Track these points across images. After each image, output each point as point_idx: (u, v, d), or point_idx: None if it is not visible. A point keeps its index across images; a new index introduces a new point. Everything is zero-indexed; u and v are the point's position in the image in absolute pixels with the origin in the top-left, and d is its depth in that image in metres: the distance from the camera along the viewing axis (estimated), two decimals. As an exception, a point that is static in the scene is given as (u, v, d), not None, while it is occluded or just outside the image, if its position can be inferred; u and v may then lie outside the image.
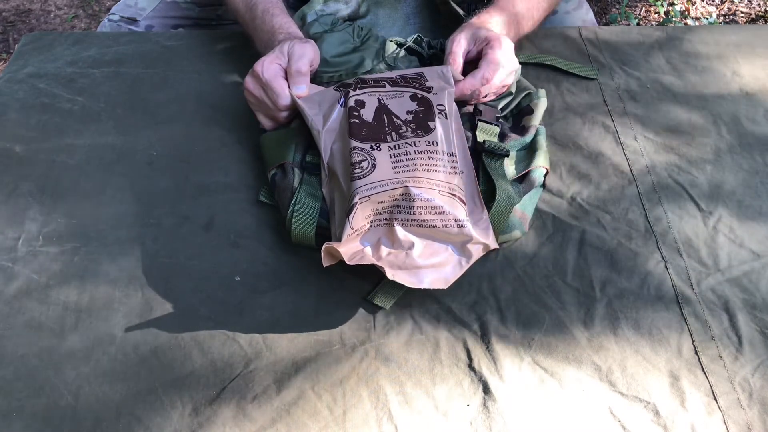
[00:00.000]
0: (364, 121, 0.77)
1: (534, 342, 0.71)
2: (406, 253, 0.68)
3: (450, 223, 0.69)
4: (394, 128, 0.76)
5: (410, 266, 0.68)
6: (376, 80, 0.83)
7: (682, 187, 0.86)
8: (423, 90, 0.81)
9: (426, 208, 0.69)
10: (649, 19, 2.16)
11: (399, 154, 0.73)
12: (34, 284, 0.75)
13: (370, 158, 0.73)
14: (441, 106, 0.79)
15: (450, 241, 0.69)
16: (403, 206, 0.69)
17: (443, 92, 0.81)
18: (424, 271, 0.68)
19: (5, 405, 0.65)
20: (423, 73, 0.85)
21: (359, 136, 0.75)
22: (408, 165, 0.72)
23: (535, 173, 0.82)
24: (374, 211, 0.70)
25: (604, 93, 0.99)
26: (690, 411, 0.65)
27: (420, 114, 0.78)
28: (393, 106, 0.79)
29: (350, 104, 0.79)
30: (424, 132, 0.75)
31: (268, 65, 0.83)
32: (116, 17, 1.15)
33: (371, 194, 0.70)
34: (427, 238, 0.70)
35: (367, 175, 0.71)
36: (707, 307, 0.74)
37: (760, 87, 1.01)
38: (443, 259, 0.69)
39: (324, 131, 0.79)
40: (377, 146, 0.74)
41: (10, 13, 2.22)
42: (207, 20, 1.17)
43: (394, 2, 1.05)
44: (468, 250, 0.69)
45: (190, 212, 0.82)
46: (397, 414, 0.65)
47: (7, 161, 0.88)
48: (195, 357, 0.69)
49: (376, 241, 0.70)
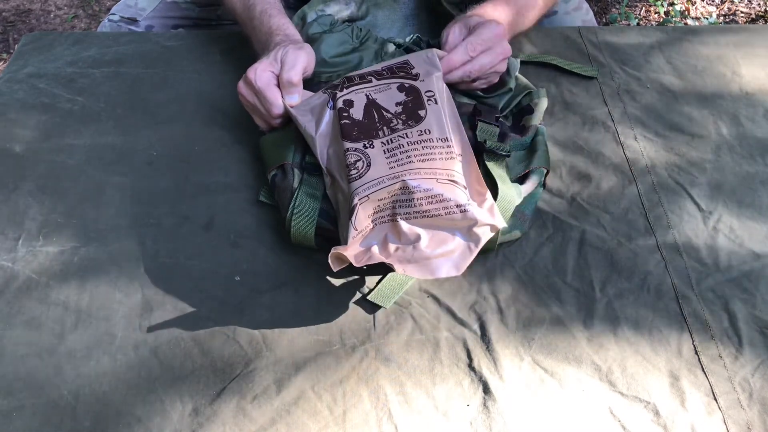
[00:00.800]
0: (355, 120, 0.77)
1: (534, 342, 0.71)
2: (413, 246, 0.68)
3: (453, 210, 0.68)
4: (385, 122, 0.76)
5: (419, 259, 0.68)
6: (362, 76, 0.83)
7: (682, 187, 0.86)
8: (410, 78, 0.80)
9: (426, 198, 0.69)
10: (649, 19, 2.16)
11: (392, 149, 0.73)
12: (34, 284, 0.75)
13: (364, 157, 0.72)
14: (430, 92, 0.78)
15: (456, 227, 0.69)
16: (403, 200, 0.69)
17: (430, 77, 0.80)
18: (435, 261, 0.68)
19: (5, 405, 0.65)
20: (408, 60, 0.84)
21: (351, 137, 0.75)
22: (402, 158, 0.72)
23: (535, 173, 0.82)
24: (376, 210, 0.70)
25: (604, 93, 0.99)
26: (690, 411, 0.65)
27: (409, 104, 0.77)
28: (381, 100, 0.79)
29: (339, 105, 0.78)
30: (415, 122, 0.75)
31: (261, 73, 0.83)
32: (116, 17, 1.15)
33: (370, 193, 0.70)
34: (432, 228, 0.69)
35: (363, 175, 0.71)
36: (707, 307, 0.74)
37: (760, 87, 1.01)
38: (452, 247, 0.68)
39: (317, 136, 0.78)
40: (370, 144, 0.74)
41: (10, 13, 2.22)
42: (207, 20, 1.17)
43: (392, 3, 1.05)
44: (475, 234, 0.68)
45: (190, 212, 0.82)
46: (397, 414, 0.65)
47: (7, 161, 0.88)
48: (195, 357, 0.69)
49: (383, 238, 0.70)
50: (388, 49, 0.93)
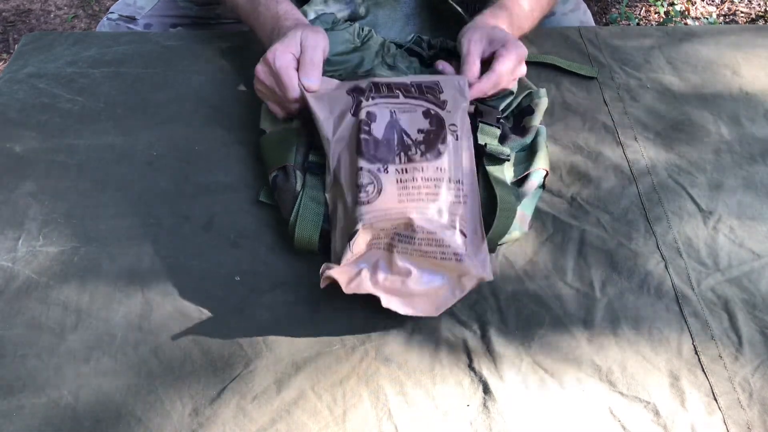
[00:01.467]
0: (374, 138, 0.75)
1: (534, 342, 0.71)
2: (402, 280, 0.69)
3: (449, 256, 0.69)
4: (404, 148, 0.75)
5: (405, 293, 0.69)
6: (389, 86, 0.80)
7: (682, 187, 0.86)
8: (437, 105, 0.79)
9: (427, 240, 0.69)
10: (649, 19, 2.16)
11: (406, 180, 0.72)
12: (34, 284, 0.75)
13: (376, 182, 0.72)
14: (453, 126, 0.77)
15: (447, 271, 0.70)
16: (404, 235, 0.69)
17: (457, 109, 0.79)
18: (417, 299, 0.69)
19: (5, 405, 0.65)
20: (438, 82, 0.82)
21: (368, 155, 0.74)
22: (414, 193, 0.71)
23: (535, 175, 0.82)
24: (375, 236, 0.70)
25: (604, 93, 0.99)
26: (690, 411, 0.65)
27: (431, 134, 0.76)
28: (404, 122, 0.77)
29: (362, 117, 0.77)
30: (433, 156, 0.74)
31: (281, 54, 0.81)
32: (115, 15, 1.15)
33: (374, 222, 0.70)
34: (424, 267, 0.70)
35: (372, 201, 0.71)
36: (707, 307, 0.74)
37: (760, 87, 1.01)
38: (438, 290, 0.69)
39: (334, 140, 0.77)
40: (385, 168, 0.73)
41: (10, 13, 2.22)
42: (205, 19, 1.17)
43: (393, 3, 1.05)
44: (463, 283, 0.69)
45: (190, 212, 0.82)
46: (397, 414, 0.65)
47: (7, 161, 0.88)
48: (195, 357, 0.69)
49: (374, 263, 0.70)
50: (389, 50, 0.93)
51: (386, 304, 0.68)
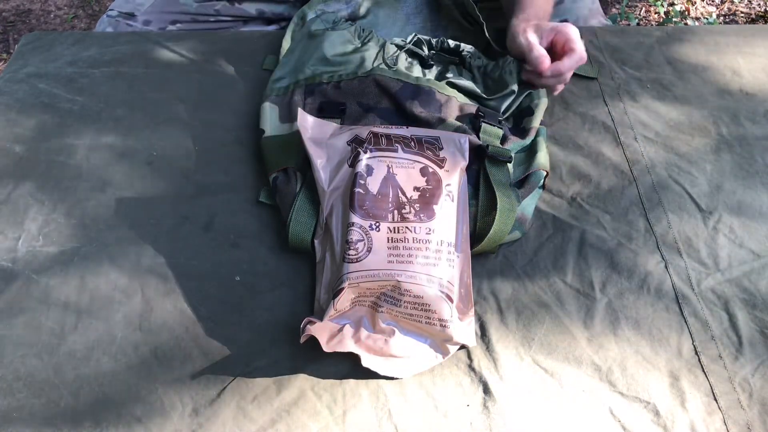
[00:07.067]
0: (369, 192, 0.74)
1: (534, 342, 0.71)
2: (385, 340, 0.68)
3: (434, 322, 0.67)
4: (398, 206, 0.73)
5: (386, 354, 0.67)
6: (389, 138, 0.79)
7: (682, 187, 0.86)
8: (435, 163, 0.77)
9: (413, 304, 0.67)
10: (649, 19, 2.16)
11: (397, 240, 0.70)
12: (34, 284, 0.75)
13: (366, 239, 0.70)
14: (449, 187, 0.76)
15: (430, 335, 0.68)
16: (390, 297, 0.68)
17: (455, 169, 0.77)
18: (398, 361, 0.68)
19: (5, 405, 0.65)
20: (440, 138, 0.80)
21: (360, 210, 0.72)
22: (404, 254, 0.69)
23: (535, 176, 0.82)
24: (361, 294, 0.69)
25: (604, 93, 0.99)
26: (690, 411, 0.65)
27: (426, 194, 0.74)
28: (401, 178, 0.76)
29: (358, 169, 0.76)
30: (427, 217, 0.72)
31: None
32: (114, 12, 1.15)
33: (361, 281, 0.68)
34: (408, 329, 0.69)
35: (361, 260, 0.69)
36: (707, 307, 0.74)
37: (760, 87, 1.01)
38: (419, 353, 0.68)
39: (329, 190, 0.76)
40: (377, 226, 0.71)
41: (10, 13, 2.22)
42: (205, 15, 1.16)
43: (394, 2, 1.05)
44: (446, 348, 0.68)
45: (190, 212, 0.82)
46: (397, 414, 0.65)
47: (7, 161, 0.88)
48: (195, 357, 0.69)
49: (358, 320, 0.69)
50: (390, 51, 0.93)
51: (366, 364, 0.67)
